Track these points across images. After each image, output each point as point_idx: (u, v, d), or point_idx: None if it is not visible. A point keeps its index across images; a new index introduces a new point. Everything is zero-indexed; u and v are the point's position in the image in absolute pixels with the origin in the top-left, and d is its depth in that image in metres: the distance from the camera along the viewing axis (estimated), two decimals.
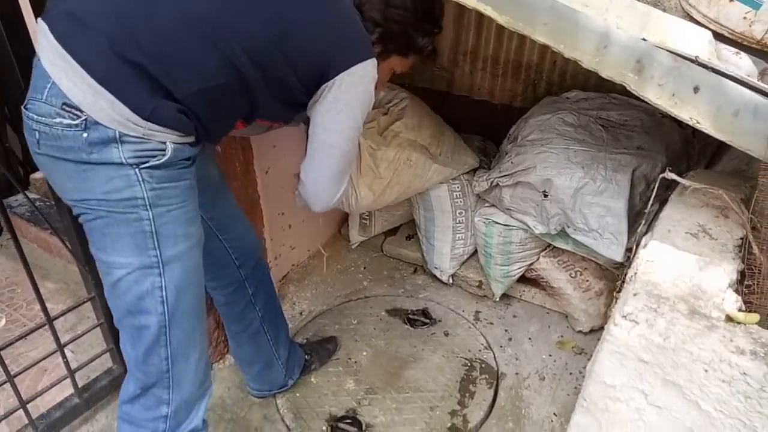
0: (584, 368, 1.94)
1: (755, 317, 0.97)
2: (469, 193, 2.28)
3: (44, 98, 1.00)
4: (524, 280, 2.31)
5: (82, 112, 0.99)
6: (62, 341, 1.60)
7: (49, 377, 1.87)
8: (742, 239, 1.18)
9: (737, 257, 1.12)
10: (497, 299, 2.33)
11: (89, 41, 0.99)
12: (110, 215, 1.07)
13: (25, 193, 1.49)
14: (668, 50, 1.17)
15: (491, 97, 2.59)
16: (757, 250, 1.11)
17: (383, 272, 2.57)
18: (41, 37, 1.02)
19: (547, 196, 1.95)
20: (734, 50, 1.37)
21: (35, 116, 1.02)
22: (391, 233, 2.72)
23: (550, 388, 1.98)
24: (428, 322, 2.24)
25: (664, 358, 0.89)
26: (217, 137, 1.23)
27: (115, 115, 0.99)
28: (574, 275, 2.14)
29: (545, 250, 2.20)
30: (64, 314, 1.61)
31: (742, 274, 1.10)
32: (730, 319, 0.97)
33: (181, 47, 1.02)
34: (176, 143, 1.07)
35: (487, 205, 2.23)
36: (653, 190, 1.52)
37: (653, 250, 1.12)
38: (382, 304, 2.35)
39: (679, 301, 1.00)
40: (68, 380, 1.66)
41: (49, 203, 2.28)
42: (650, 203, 1.54)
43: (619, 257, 1.89)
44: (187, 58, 1.03)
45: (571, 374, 2.04)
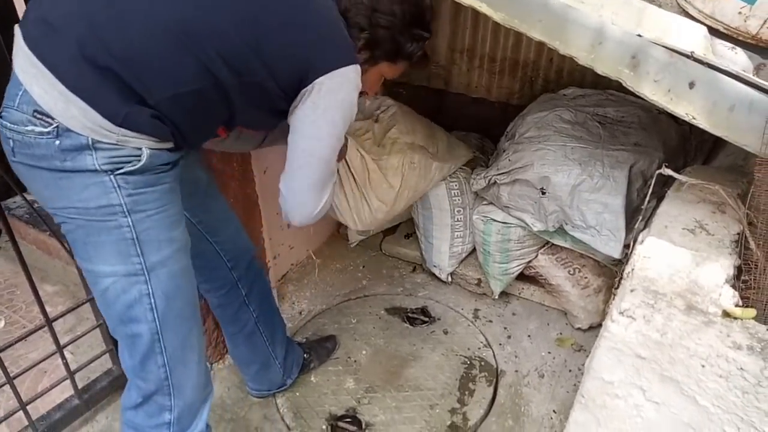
0: (583, 365, 1.94)
1: (752, 312, 0.97)
2: (467, 191, 2.28)
3: (16, 106, 0.98)
4: (523, 277, 2.31)
5: (53, 119, 0.97)
6: (62, 342, 1.60)
7: (48, 379, 1.87)
8: (738, 235, 1.18)
9: (734, 253, 1.12)
10: (496, 297, 2.33)
11: (60, 47, 0.97)
12: (89, 224, 1.05)
13: (23, 195, 1.49)
14: (664, 46, 1.18)
15: (488, 94, 2.59)
16: (753, 245, 1.11)
17: (382, 271, 2.57)
18: (15, 43, 1.00)
19: (544, 193, 1.95)
20: (730, 45, 1.37)
21: (8, 124, 1.00)
22: (389, 232, 2.72)
23: (549, 385, 1.98)
24: (427, 320, 2.24)
25: (661, 353, 0.90)
26: (196, 143, 1.20)
27: (87, 122, 0.97)
28: (572, 272, 2.15)
29: (543, 247, 2.21)
30: (63, 315, 1.61)
31: (738, 269, 1.11)
32: (727, 314, 0.97)
33: (153, 52, 1.00)
34: (153, 149, 1.04)
35: (485, 202, 2.23)
36: (650, 186, 1.53)
37: (650, 246, 1.13)
38: (381, 302, 2.35)
39: (676, 296, 1.00)
40: (68, 381, 1.66)
41: None
42: (647, 199, 1.54)
43: (616, 254, 1.89)
44: (159, 63, 1.00)
45: (570, 371, 2.04)
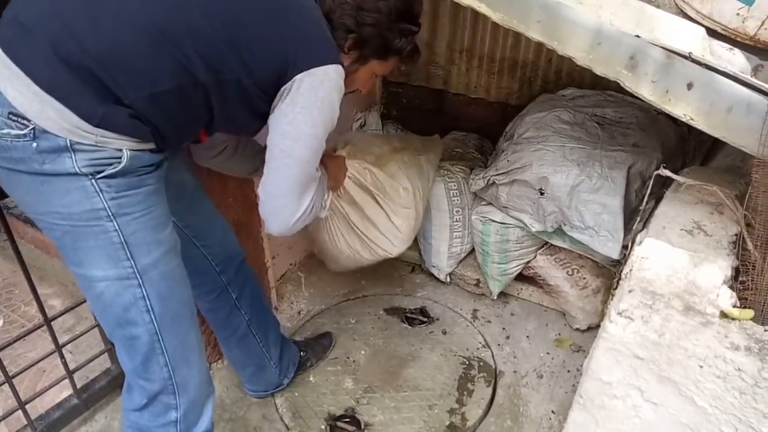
0: (582, 366, 1.94)
1: (750, 313, 0.97)
2: (465, 191, 2.28)
3: None
4: (522, 278, 2.31)
5: (29, 121, 0.95)
6: (60, 342, 1.60)
7: (47, 378, 1.87)
8: (736, 236, 1.18)
9: (732, 253, 1.12)
10: (495, 297, 2.33)
11: (33, 48, 0.95)
12: (75, 229, 1.03)
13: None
14: (662, 47, 1.18)
15: (487, 94, 2.59)
16: (751, 246, 1.12)
17: (381, 271, 2.56)
18: None
19: (543, 193, 1.95)
20: (727, 46, 1.38)
21: None
22: None
23: (548, 385, 1.99)
24: (426, 320, 2.24)
25: (659, 354, 0.90)
26: (176, 145, 1.18)
27: (63, 123, 0.96)
28: (571, 273, 2.15)
29: (542, 248, 2.21)
30: (62, 315, 1.61)
31: (736, 270, 1.11)
32: (724, 315, 0.97)
33: (128, 50, 0.98)
34: (133, 150, 1.03)
35: (483, 203, 2.23)
36: (649, 187, 1.53)
37: (648, 246, 1.13)
38: (380, 303, 2.35)
39: (674, 297, 1.00)
40: (67, 381, 1.66)
41: None
42: (645, 200, 1.55)
43: (615, 254, 1.89)
44: (135, 61, 0.99)
45: (568, 372, 2.04)
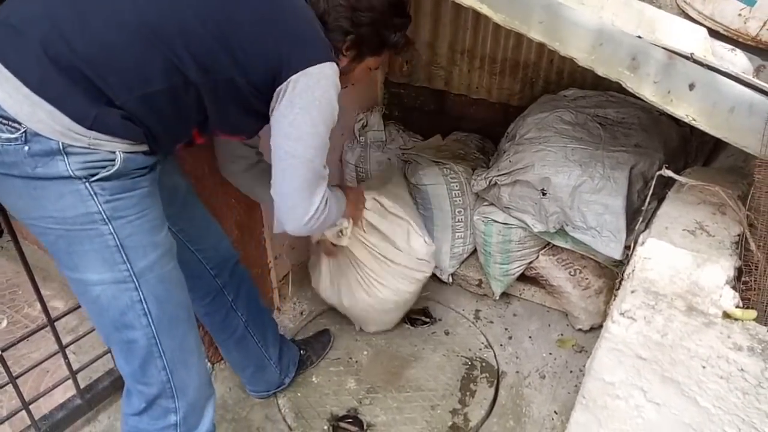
0: (584, 366, 1.94)
1: (752, 314, 0.97)
2: (467, 191, 2.28)
3: None
4: (524, 278, 2.31)
5: (20, 124, 0.93)
6: (64, 342, 1.60)
7: (51, 378, 1.87)
8: (739, 236, 1.18)
9: (734, 254, 1.12)
10: (497, 298, 2.33)
11: (23, 50, 0.94)
12: (69, 233, 1.02)
13: None
14: (663, 47, 1.18)
15: (489, 95, 2.59)
16: (754, 246, 1.12)
17: None
18: None
19: (545, 194, 1.95)
20: (729, 47, 1.38)
21: None
22: None
23: (550, 386, 1.99)
24: (428, 321, 2.24)
25: (662, 354, 0.90)
26: (168, 146, 1.17)
27: (55, 125, 0.94)
28: (573, 273, 2.15)
29: (544, 248, 2.21)
30: (65, 315, 1.61)
31: (739, 270, 1.11)
32: (727, 315, 0.97)
33: (119, 51, 0.97)
34: (127, 152, 1.02)
35: (486, 203, 2.23)
36: (651, 187, 1.53)
37: (651, 247, 1.13)
38: None
39: (676, 298, 1.00)
40: (70, 381, 1.67)
41: None
42: (648, 201, 1.54)
43: (617, 255, 1.89)
44: (126, 61, 0.98)
45: (571, 372, 2.04)
